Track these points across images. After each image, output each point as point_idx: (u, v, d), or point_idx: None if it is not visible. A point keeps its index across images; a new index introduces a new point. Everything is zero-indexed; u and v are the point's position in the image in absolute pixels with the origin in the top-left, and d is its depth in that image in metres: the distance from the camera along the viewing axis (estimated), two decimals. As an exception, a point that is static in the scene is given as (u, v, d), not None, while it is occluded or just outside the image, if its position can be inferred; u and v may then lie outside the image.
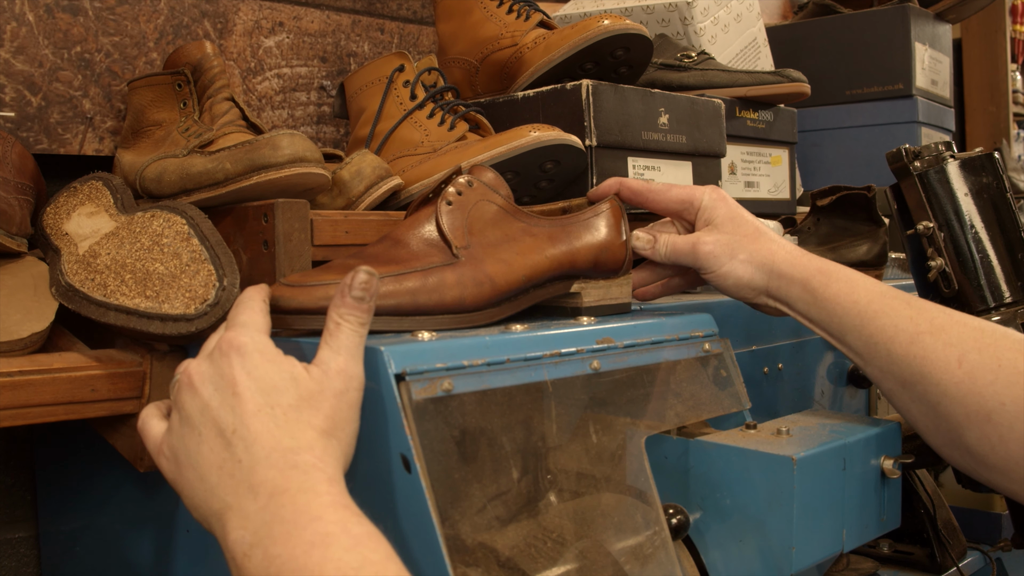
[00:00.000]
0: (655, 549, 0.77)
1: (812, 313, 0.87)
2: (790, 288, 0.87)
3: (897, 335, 0.82)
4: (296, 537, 0.57)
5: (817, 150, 2.02)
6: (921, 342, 0.80)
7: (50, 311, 0.85)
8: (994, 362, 0.77)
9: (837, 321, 0.85)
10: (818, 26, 2.07)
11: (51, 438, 1.08)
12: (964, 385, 0.78)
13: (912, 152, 1.02)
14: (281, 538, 0.58)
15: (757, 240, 0.89)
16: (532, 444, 0.74)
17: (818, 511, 0.80)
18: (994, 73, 2.82)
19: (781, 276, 0.87)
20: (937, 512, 1.08)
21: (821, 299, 0.85)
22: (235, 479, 0.62)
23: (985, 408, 0.77)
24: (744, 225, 0.90)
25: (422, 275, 0.77)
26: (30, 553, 1.15)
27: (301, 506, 0.59)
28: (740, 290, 0.89)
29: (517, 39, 1.21)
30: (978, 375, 0.78)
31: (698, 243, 0.90)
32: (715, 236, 0.90)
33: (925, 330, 0.81)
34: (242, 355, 0.65)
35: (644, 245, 0.92)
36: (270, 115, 1.32)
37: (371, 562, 0.56)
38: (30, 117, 1.08)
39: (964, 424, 0.78)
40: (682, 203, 0.93)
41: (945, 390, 0.79)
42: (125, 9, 1.16)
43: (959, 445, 0.80)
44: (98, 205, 0.96)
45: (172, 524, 0.90)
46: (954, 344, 0.79)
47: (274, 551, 0.58)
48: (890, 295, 0.84)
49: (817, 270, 0.86)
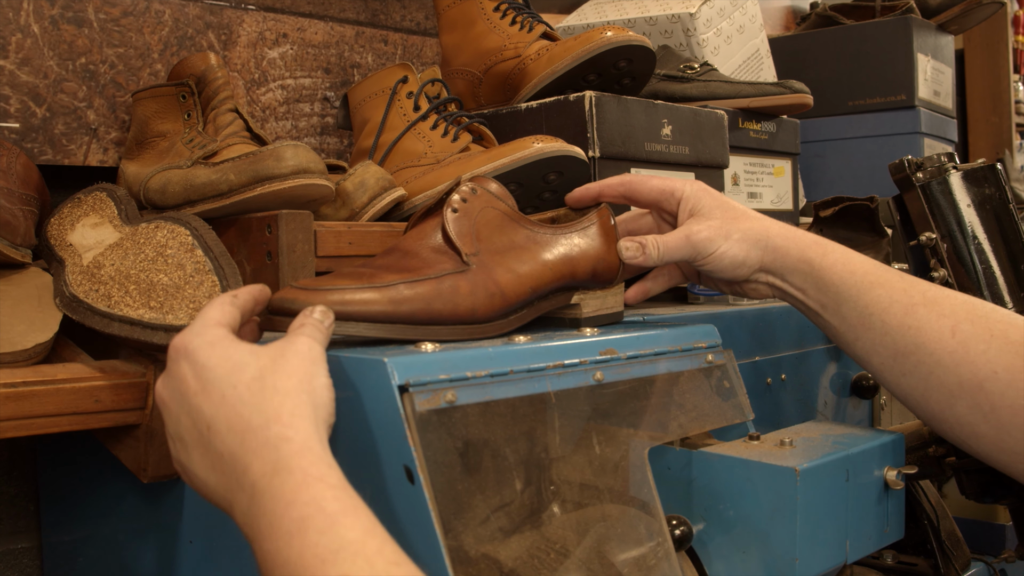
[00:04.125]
0: (658, 560, 0.77)
1: (808, 284, 0.87)
2: (785, 260, 0.87)
3: (892, 306, 0.83)
4: (277, 529, 0.57)
5: (820, 161, 2.02)
6: (915, 313, 0.82)
7: (54, 322, 0.85)
8: (986, 332, 0.79)
9: (834, 291, 0.85)
10: (821, 37, 2.07)
11: (54, 449, 1.08)
12: (957, 354, 0.79)
13: (915, 163, 1.02)
14: (267, 533, 0.57)
15: (748, 219, 0.89)
16: (535, 455, 0.74)
17: (821, 522, 0.80)
18: (996, 84, 2.83)
19: (776, 250, 0.88)
20: (941, 523, 1.08)
21: (818, 269, 0.86)
22: (226, 475, 0.62)
23: (977, 377, 0.78)
24: (732, 209, 0.90)
25: (436, 281, 0.76)
26: (33, 564, 1.15)
27: (276, 492, 0.58)
28: (736, 269, 0.89)
29: (520, 51, 1.21)
30: (971, 344, 0.79)
31: (690, 233, 0.89)
32: (706, 223, 0.89)
33: (919, 302, 0.82)
34: (188, 355, 0.65)
35: (634, 254, 0.89)
36: (274, 126, 1.32)
37: (349, 541, 0.55)
38: (35, 128, 1.09)
39: (956, 393, 0.80)
40: (662, 193, 0.92)
41: (939, 359, 0.80)
42: (130, 21, 1.16)
43: (949, 416, 0.81)
44: (102, 216, 0.96)
45: (175, 535, 0.90)
46: (947, 315, 0.81)
47: (265, 547, 0.57)
48: (883, 268, 0.85)
49: (813, 241, 0.87)
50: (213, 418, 0.63)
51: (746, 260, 0.88)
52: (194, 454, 0.64)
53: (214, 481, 0.63)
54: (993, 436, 0.79)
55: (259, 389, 0.63)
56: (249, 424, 0.62)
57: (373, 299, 0.73)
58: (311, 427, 0.62)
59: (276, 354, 0.65)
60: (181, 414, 0.65)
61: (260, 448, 0.60)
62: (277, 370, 0.64)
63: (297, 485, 0.58)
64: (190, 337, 0.66)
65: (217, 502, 0.64)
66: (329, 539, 0.55)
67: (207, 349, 0.65)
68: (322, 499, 0.57)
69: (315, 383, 0.65)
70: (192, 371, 0.65)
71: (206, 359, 0.65)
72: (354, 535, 0.56)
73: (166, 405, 0.67)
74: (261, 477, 0.59)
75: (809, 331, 1.17)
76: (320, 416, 0.64)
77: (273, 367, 0.64)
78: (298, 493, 0.58)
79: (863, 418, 1.27)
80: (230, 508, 0.62)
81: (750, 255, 0.88)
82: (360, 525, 0.56)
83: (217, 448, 0.62)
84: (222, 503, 0.63)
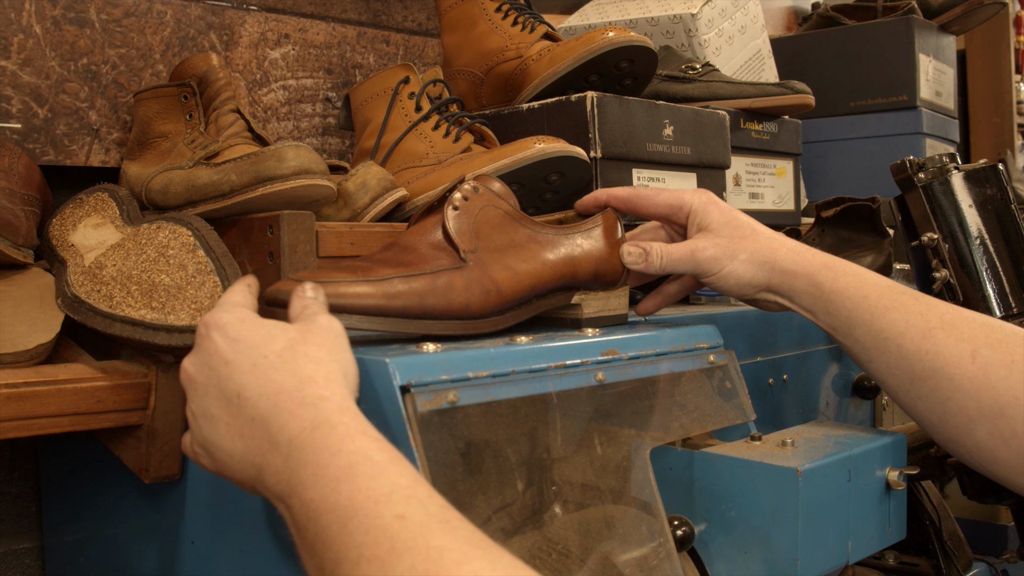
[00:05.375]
0: (660, 561, 0.77)
1: (818, 308, 0.86)
2: (794, 283, 0.86)
3: (908, 330, 0.81)
4: (322, 477, 0.57)
5: (821, 161, 2.02)
6: (933, 337, 0.80)
7: (56, 322, 0.85)
8: (1007, 358, 0.78)
9: (845, 315, 0.84)
10: (822, 38, 2.07)
11: (56, 449, 1.08)
12: (977, 380, 0.78)
13: (916, 164, 1.02)
14: (310, 482, 0.57)
15: (756, 239, 0.88)
16: (537, 456, 0.74)
17: (823, 523, 0.80)
18: (998, 84, 2.83)
19: (784, 272, 0.87)
20: (942, 524, 1.08)
21: (828, 293, 0.85)
22: (256, 439, 0.62)
23: (999, 403, 0.77)
24: (740, 227, 0.89)
25: (431, 277, 0.77)
26: (35, 564, 1.15)
27: (319, 444, 0.58)
28: (741, 289, 0.89)
29: (522, 51, 1.21)
30: (991, 370, 0.78)
31: (696, 250, 0.88)
32: (713, 240, 0.88)
33: (936, 326, 0.81)
34: (221, 327, 0.66)
35: (636, 260, 0.89)
36: (275, 127, 1.33)
37: (400, 486, 0.55)
38: (37, 128, 1.09)
39: (976, 419, 0.79)
40: (671, 208, 0.92)
41: (958, 385, 0.79)
42: (132, 21, 1.16)
43: (967, 441, 0.80)
44: (104, 216, 0.96)
45: (177, 535, 0.90)
46: (966, 339, 0.79)
47: (307, 496, 0.57)
48: (898, 290, 0.84)
49: (823, 265, 0.86)
50: (243, 385, 0.63)
51: (752, 281, 0.88)
52: (219, 424, 0.64)
53: (241, 448, 0.63)
54: (1014, 461, 0.78)
55: (291, 358, 0.64)
56: (283, 387, 0.62)
57: (367, 292, 0.73)
58: (346, 391, 0.63)
59: (304, 328, 0.66)
60: (209, 385, 0.65)
61: (296, 408, 0.61)
62: (307, 341, 0.65)
63: (341, 437, 0.58)
64: (220, 313, 0.67)
65: (242, 472, 0.64)
66: (380, 483, 0.55)
67: (237, 324, 0.66)
68: (368, 449, 0.58)
69: (344, 355, 0.66)
70: (224, 341, 0.65)
71: (236, 332, 0.66)
72: (405, 480, 0.56)
73: (193, 380, 0.67)
74: (300, 433, 0.60)
75: (811, 332, 1.17)
76: (351, 385, 0.65)
77: (302, 339, 0.65)
78: (344, 443, 0.58)
79: (865, 419, 1.27)
80: (258, 473, 0.62)
81: (756, 276, 0.87)
82: (409, 473, 0.57)
83: (248, 413, 0.63)
84: (248, 470, 0.63)
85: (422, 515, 0.53)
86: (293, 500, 0.58)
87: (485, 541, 0.53)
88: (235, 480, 0.66)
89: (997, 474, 0.80)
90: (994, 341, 0.79)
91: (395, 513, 0.53)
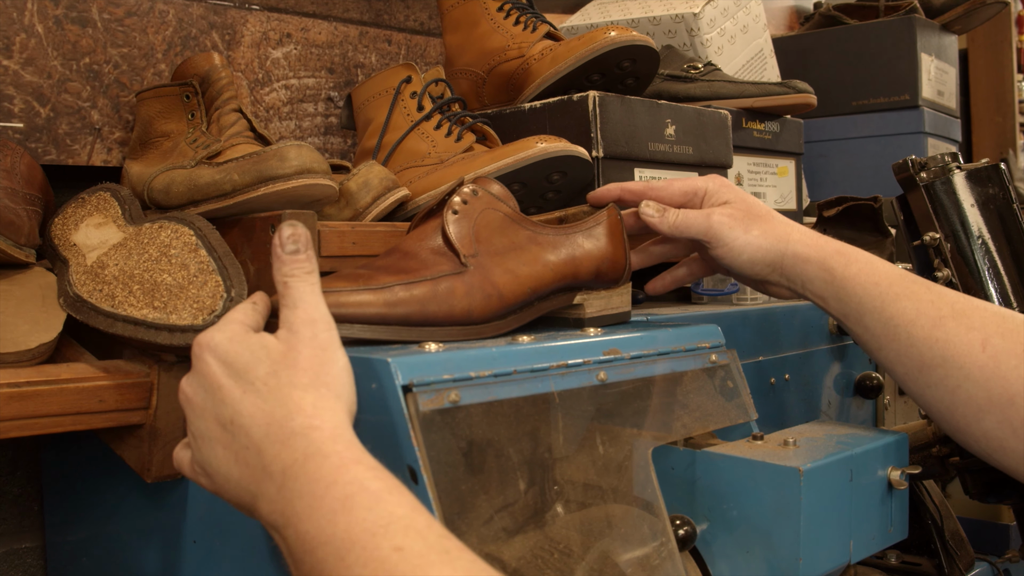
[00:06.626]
0: (662, 560, 0.77)
1: (829, 294, 0.86)
2: (806, 267, 0.87)
3: (918, 318, 0.81)
4: (318, 509, 0.57)
5: (823, 161, 2.02)
6: (944, 326, 0.80)
7: (58, 322, 0.85)
8: (1018, 347, 0.78)
9: (856, 302, 0.84)
10: (824, 37, 2.07)
11: (58, 449, 1.08)
12: (988, 369, 0.78)
13: (918, 163, 1.02)
14: (305, 514, 0.57)
15: (771, 220, 0.89)
16: (539, 455, 0.74)
17: (825, 522, 0.80)
18: (1000, 83, 2.82)
19: (796, 255, 0.87)
20: (944, 523, 1.08)
21: (840, 279, 0.85)
22: (251, 466, 0.62)
23: (1008, 392, 0.77)
24: (757, 206, 0.90)
25: (432, 283, 0.77)
26: (37, 563, 1.15)
27: (313, 474, 0.58)
28: (753, 266, 0.89)
29: (524, 51, 1.21)
30: (1002, 359, 0.78)
31: (712, 213, 0.89)
32: (729, 211, 0.89)
33: (947, 314, 0.81)
34: (213, 348, 0.66)
35: (653, 212, 0.90)
36: (277, 126, 1.33)
37: (398, 516, 0.55)
38: (39, 128, 1.09)
39: (985, 408, 0.78)
40: (685, 195, 0.93)
41: (968, 374, 0.79)
42: (133, 21, 1.17)
43: (976, 430, 0.80)
44: (106, 216, 0.96)
45: (179, 535, 0.90)
46: (977, 328, 0.79)
47: (303, 528, 0.57)
48: (909, 278, 0.84)
49: (835, 251, 0.86)
50: (236, 412, 0.63)
51: (764, 258, 0.88)
52: (217, 447, 0.65)
53: (237, 474, 0.63)
54: (1022, 451, 0.78)
55: (276, 385, 0.63)
56: (272, 416, 0.62)
57: (368, 301, 0.73)
58: (337, 417, 0.63)
59: (285, 348, 0.65)
60: (206, 408, 0.65)
61: (288, 438, 0.61)
62: (290, 364, 0.64)
63: (335, 467, 0.58)
64: (212, 333, 0.67)
65: (239, 497, 0.64)
66: (377, 515, 0.55)
67: (227, 344, 0.66)
68: (363, 479, 0.57)
69: (332, 371, 0.65)
70: (217, 364, 0.66)
71: (225, 353, 0.66)
72: (402, 511, 0.56)
73: (190, 401, 0.67)
74: (292, 464, 0.59)
75: (813, 331, 1.17)
76: (343, 406, 0.64)
77: (285, 361, 0.65)
78: (338, 474, 0.58)
79: (867, 418, 1.27)
80: (253, 500, 0.62)
81: (768, 255, 0.88)
82: (406, 502, 0.57)
83: (241, 440, 0.63)
84: (244, 497, 0.63)
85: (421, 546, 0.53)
86: (288, 531, 0.58)
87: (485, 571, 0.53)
88: (233, 503, 0.66)
89: (1005, 464, 0.80)
90: (1005, 330, 0.79)
91: (393, 545, 0.53)
